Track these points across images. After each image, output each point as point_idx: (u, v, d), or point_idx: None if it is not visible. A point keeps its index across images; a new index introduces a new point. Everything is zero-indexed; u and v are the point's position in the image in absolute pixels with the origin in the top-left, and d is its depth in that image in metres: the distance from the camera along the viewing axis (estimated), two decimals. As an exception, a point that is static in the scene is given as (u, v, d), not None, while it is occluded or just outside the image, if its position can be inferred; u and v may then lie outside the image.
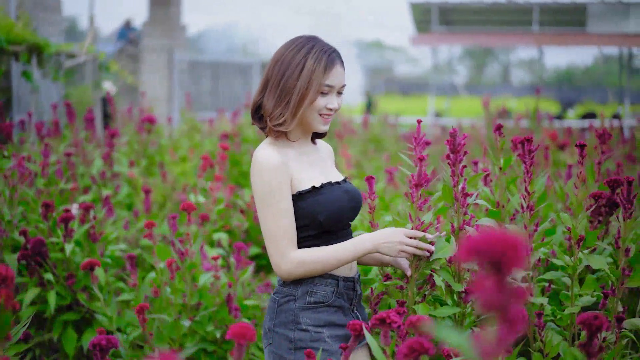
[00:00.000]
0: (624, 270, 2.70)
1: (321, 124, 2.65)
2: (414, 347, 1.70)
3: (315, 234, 2.59)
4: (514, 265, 0.88)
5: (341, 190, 2.66)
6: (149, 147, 6.22)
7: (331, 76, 2.60)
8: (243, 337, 1.86)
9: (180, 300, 3.55)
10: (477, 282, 0.89)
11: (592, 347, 1.72)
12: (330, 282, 2.59)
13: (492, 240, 0.88)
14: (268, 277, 4.51)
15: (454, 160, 2.66)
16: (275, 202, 2.52)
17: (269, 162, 2.53)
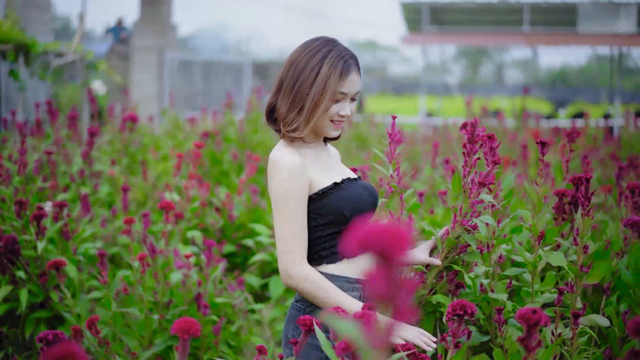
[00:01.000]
0: (582, 267, 2.71)
1: (332, 130, 2.62)
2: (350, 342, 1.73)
3: (340, 231, 2.55)
4: (398, 256, 0.90)
5: (360, 186, 2.66)
6: (130, 145, 6.22)
7: (346, 84, 2.56)
8: (186, 332, 1.88)
9: (152, 297, 3.56)
10: (367, 273, 0.91)
11: (531, 342, 1.74)
12: (357, 286, 2.56)
13: (378, 232, 0.89)
14: (242, 275, 4.52)
15: (469, 150, 2.67)
16: (291, 205, 2.49)
17: (287, 164, 2.50)
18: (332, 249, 2.55)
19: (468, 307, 2.03)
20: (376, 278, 0.90)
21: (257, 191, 5.03)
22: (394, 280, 0.91)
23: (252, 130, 6.74)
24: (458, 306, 2.03)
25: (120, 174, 5.90)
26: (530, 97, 46.20)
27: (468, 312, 2.03)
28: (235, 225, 4.83)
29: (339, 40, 2.66)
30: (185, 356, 1.93)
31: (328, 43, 2.60)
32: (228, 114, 7.15)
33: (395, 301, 0.91)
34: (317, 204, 2.54)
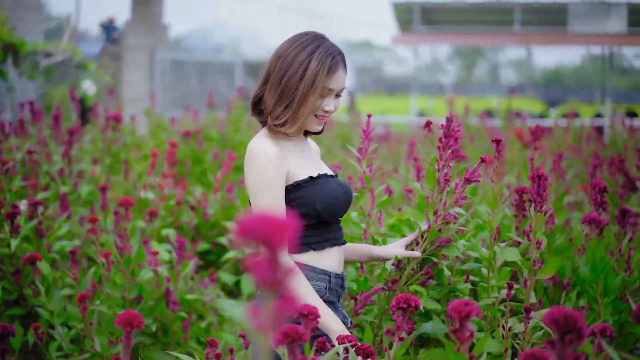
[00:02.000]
0: (535, 263, 2.76)
1: (315, 124, 2.64)
2: (289, 333, 1.77)
3: (312, 224, 2.57)
4: (280, 245, 0.94)
5: (336, 183, 2.67)
6: (113, 145, 6.26)
7: (334, 80, 2.58)
8: (129, 324, 1.93)
9: (120, 294, 3.61)
10: (251, 261, 0.96)
11: (463, 333, 1.78)
12: (323, 277, 2.58)
13: (262, 222, 0.94)
14: (217, 272, 4.57)
15: (444, 145, 2.73)
16: (268, 194, 2.50)
17: (264, 153, 2.50)
18: (300, 240, 2.57)
19: (412, 300, 2.07)
20: (260, 265, 0.95)
21: (233, 189, 5.07)
22: (278, 267, 0.95)
23: (234, 130, 6.79)
24: (402, 299, 2.07)
25: (101, 173, 5.94)
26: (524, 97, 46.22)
27: (412, 306, 2.07)
28: (210, 224, 4.88)
29: (327, 36, 2.67)
30: (129, 348, 1.98)
31: (316, 38, 2.62)
32: (210, 113, 7.20)
33: (279, 287, 0.96)
34: (290, 196, 2.55)
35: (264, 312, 0.97)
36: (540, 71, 71.38)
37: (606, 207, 3.34)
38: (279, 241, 0.94)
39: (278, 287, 0.96)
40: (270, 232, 0.94)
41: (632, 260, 3.27)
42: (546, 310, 2.79)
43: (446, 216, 2.77)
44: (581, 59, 65.65)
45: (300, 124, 2.60)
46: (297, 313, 1.98)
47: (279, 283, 0.96)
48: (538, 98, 46.54)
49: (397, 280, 2.90)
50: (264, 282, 0.95)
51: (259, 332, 0.97)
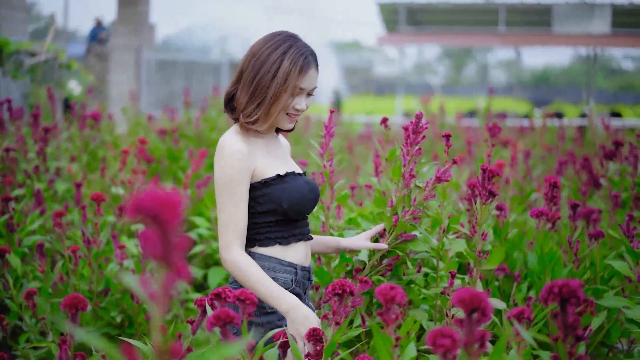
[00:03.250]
0: (480, 253, 2.86)
1: (287, 122, 2.70)
2: (220, 316, 1.87)
3: (277, 221, 2.63)
4: (172, 221, 1.04)
5: (303, 181, 2.71)
6: (91, 143, 6.33)
7: (305, 79, 2.63)
8: (74, 307, 2.02)
9: (87, 286, 3.69)
10: (143, 236, 1.05)
11: (389, 316, 1.87)
12: (289, 269, 2.64)
13: (152, 199, 1.03)
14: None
15: (412, 141, 2.82)
16: (232, 191, 2.55)
17: (233, 150, 2.56)
18: (267, 234, 2.63)
19: (347, 286, 2.16)
20: (151, 240, 1.04)
21: (203, 186, 5.16)
22: (168, 241, 1.05)
23: (209, 128, 6.88)
24: (337, 285, 2.16)
25: (78, 170, 6.00)
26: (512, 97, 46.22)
27: (347, 291, 2.17)
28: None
29: (299, 36, 2.72)
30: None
31: (289, 38, 2.66)
32: (186, 112, 7.29)
33: (170, 260, 1.05)
34: (257, 192, 2.61)
35: (155, 283, 1.06)
36: (529, 72, 71.60)
37: (557, 202, 3.44)
38: (169, 217, 1.03)
39: (168, 259, 1.05)
40: (160, 209, 1.03)
41: (579, 252, 3.37)
42: (491, 299, 2.90)
43: (414, 212, 2.87)
44: (569, 60, 65.91)
45: (272, 121, 2.66)
46: (235, 299, 2.08)
47: (168, 256, 1.05)
48: (525, 98, 46.71)
49: (360, 270, 3.00)
50: (154, 255, 1.05)
51: (152, 301, 1.06)
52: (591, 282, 3.43)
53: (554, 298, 1.61)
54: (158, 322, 1.06)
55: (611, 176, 5.18)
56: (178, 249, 1.05)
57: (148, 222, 1.04)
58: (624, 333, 3.28)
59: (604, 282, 3.42)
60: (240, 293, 2.05)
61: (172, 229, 1.05)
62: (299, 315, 2.44)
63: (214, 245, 4.42)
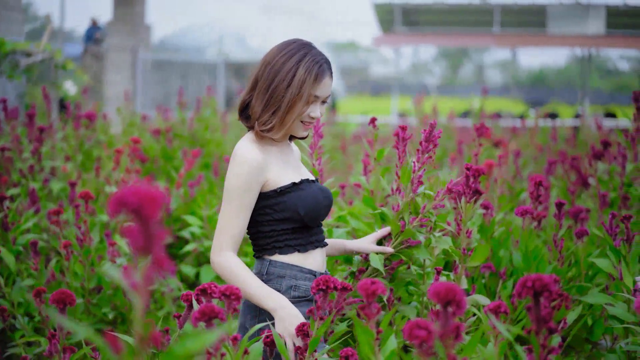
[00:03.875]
0: (465, 251, 2.91)
1: (302, 130, 2.70)
2: (205, 311, 1.93)
3: (294, 228, 2.65)
4: (152, 215, 1.09)
5: (317, 188, 2.72)
6: (85, 142, 6.38)
7: (320, 87, 2.63)
8: (62, 302, 2.08)
9: (79, 284, 3.74)
10: (126, 229, 1.11)
11: (370, 310, 1.93)
12: (309, 277, 2.66)
13: (133, 193, 1.09)
14: (179, 264, 4.70)
15: (424, 149, 2.86)
16: (236, 199, 2.57)
17: (247, 159, 2.57)
18: (286, 242, 2.65)
19: (331, 282, 2.22)
20: (133, 233, 1.10)
21: (195, 185, 5.22)
22: (149, 234, 1.10)
23: (203, 128, 6.94)
24: (322, 281, 2.22)
25: (73, 169, 6.05)
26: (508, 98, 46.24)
27: (331, 287, 2.23)
28: (173, 218, 5.03)
29: (313, 43, 2.73)
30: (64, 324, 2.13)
31: (304, 47, 2.67)
32: (180, 112, 7.36)
33: (151, 252, 1.11)
34: (273, 201, 2.62)
35: (137, 273, 1.12)
36: (525, 72, 71.67)
37: (542, 201, 3.50)
38: (149, 211, 1.09)
39: (149, 251, 1.11)
40: (141, 203, 1.09)
41: (564, 250, 3.43)
42: (475, 296, 2.96)
43: (422, 219, 2.92)
44: (565, 60, 65.98)
45: (287, 129, 2.66)
46: (220, 294, 2.14)
47: (149, 248, 1.10)
48: (521, 99, 46.82)
49: (363, 271, 3.05)
50: (135, 247, 1.10)
51: (134, 291, 1.12)
52: (576, 279, 3.49)
53: (528, 292, 1.66)
54: (140, 311, 1.12)
55: (600, 176, 5.24)
56: (158, 241, 1.11)
57: (130, 215, 1.10)
58: (607, 330, 3.34)
59: (588, 280, 3.48)
60: (225, 289, 2.11)
61: (153, 222, 1.10)
62: (287, 314, 2.46)
63: (206, 244, 4.48)
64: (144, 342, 1.12)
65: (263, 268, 2.67)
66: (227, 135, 7.99)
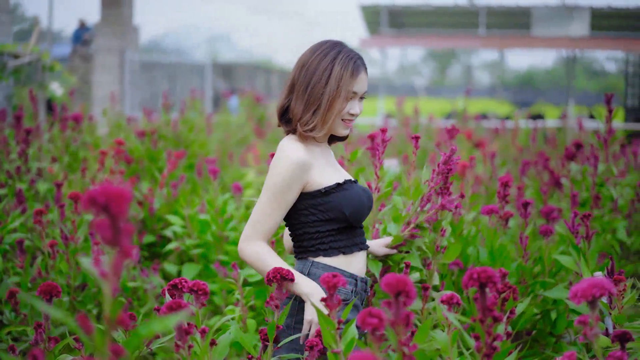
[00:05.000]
0: (438, 248, 3.05)
1: (343, 128, 2.75)
2: (172, 305, 2.07)
3: (339, 229, 2.68)
4: (120, 211, 1.23)
5: (360, 188, 2.77)
6: (72, 144, 6.48)
7: (357, 83, 2.69)
8: (48, 294, 2.21)
9: (65, 281, 3.87)
10: (96, 224, 1.24)
11: (332, 301, 2.07)
12: (351, 281, 2.68)
13: (102, 192, 1.23)
14: (162, 263, 4.83)
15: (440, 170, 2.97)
16: (276, 195, 2.61)
17: (293, 156, 2.61)
18: (331, 244, 2.68)
19: (284, 272, 2.36)
20: (102, 227, 1.24)
21: (177, 185, 5.35)
22: (117, 228, 1.24)
23: (187, 130, 7.08)
24: (272, 272, 2.36)
25: (59, 171, 6.17)
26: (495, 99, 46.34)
27: (287, 278, 2.37)
28: (156, 217, 5.16)
29: (345, 42, 2.79)
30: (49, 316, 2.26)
31: (336, 45, 2.73)
32: (164, 114, 7.49)
33: (118, 244, 1.25)
34: (318, 200, 2.66)
35: (105, 264, 1.26)
36: (513, 73, 72.01)
37: (508, 200, 3.65)
38: (117, 208, 1.23)
39: (116, 243, 1.24)
40: (109, 201, 1.23)
41: (528, 247, 3.58)
42: (444, 291, 3.10)
43: (413, 230, 3.05)
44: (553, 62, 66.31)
45: (328, 127, 2.71)
46: (188, 289, 2.28)
47: (117, 241, 1.24)
48: (509, 100, 47.09)
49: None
50: (105, 239, 1.24)
51: (103, 278, 1.25)
52: (540, 275, 3.64)
53: (474, 283, 1.80)
54: (108, 297, 1.25)
55: (573, 176, 5.39)
56: (125, 235, 1.24)
57: (100, 211, 1.24)
58: (570, 323, 3.49)
59: (552, 276, 3.63)
60: (193, 284, 2.25)
61: (120, 217, 1.24)
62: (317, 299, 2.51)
63: (187, 242, 4.60)
64: (111, 324, 1.26)
65: (305, 269, 2.69)
66: (211, 136, 8.12)
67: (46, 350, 2.37)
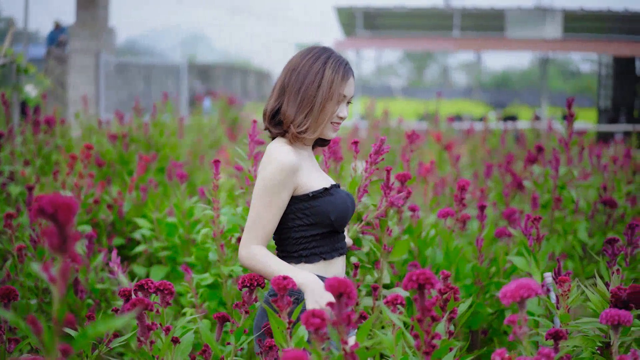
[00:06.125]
0: (386, 247, 3.16)
1: (331, 131, 2.79)
2: (135, 303, 2.17)
3: (322, 234, 2.72)
4: (67, 219, 1.33)
5: (344, 193, 2.82)
6: (44, 147, 6.54)
7: (347, 86, 2.74)
8: (6, 297, 2.30)
9: (33, 283, 3.94)
10: (44, 231, 1.34)
11: (282, 302, 2.17)
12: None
13: (50, 202, 1.32)
14: (131, 265, 4.91)
15: (373, 161, 3.07)
16: (269, 198, 2.63)
17: (283, 160, 2.63)
18: (313, 250, 2.72)
19: (254, 279, 2.46)
20: (50, 234, 1.33)
21: (146, 189, 5.42)
22: (64, 235, 1.33)
23: (159, 133, 7.16)
24: (247, 279, 2.46)
25: (32, 174, 6.22)
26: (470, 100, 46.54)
27: (255, 284, 2.46)
28: (125, 220, 5.24)
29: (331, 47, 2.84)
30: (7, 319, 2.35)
31: (326, 50, 2.78)
32: (136, 117, 7.56)
33: (65, 250, 1.34)
34: (305, 205, 2.70)
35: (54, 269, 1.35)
36: (489, 74, 72.39)
37: (465, 203, 3.76)
38: (64, 216, 1.32)
39: (64, 250, 1.34)
40: (55, 210, 1.32)
41: (484, 249, 3.70)
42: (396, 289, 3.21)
43: (364, 227, 3.15)
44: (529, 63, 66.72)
45: (320, 130, 2.75)
46: (155, 289, 2.37)
47: (64, 247, 1.34)
48: (485, 101, 47.38)
49: None
50: (52, 246, 1.34)
51: (51, 283, 1.35)
52: (495, 276, 3.76)
53: (413, 284, 1.90)
54: (58, 299, 1.35)
55: (535, 179, 5.52)
56: (72, 242, 1.34)
57: (48, 220, 1.33)
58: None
59: (507, 276, 3.75)
60: (159, 284, 2.35)
61: (67, 225, 1.34)
62: (317, 287, 2.54)
63: (155, 245, 4.68)
64: (60, 324, 1.35)
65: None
66: (183, 139, 8.19)
67: (7, 352, 2.46)
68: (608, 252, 3.02)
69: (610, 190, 5.97)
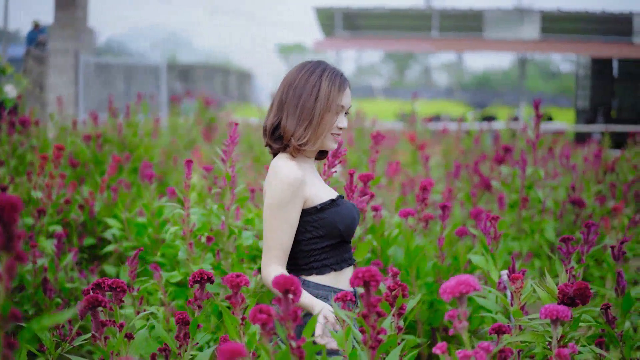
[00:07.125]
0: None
1: (332, 142, 2.82)
2: (90, 300, 2.23)
3: (333, 244, 2.76)
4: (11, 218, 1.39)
5: (350, 204, 2.86)
6: (19, 147, 6.56)
7: (343, 97, 2.77)
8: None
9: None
10: (-9, 230, 1.40)
11: (236, 300, 2.23)
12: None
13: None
14: (102, 265, 4.97)
15: (330, 163, 3.15)
16: (281, 215, 2.66)
17: (290, 176, 2.67)
18: (324, 262, 2.75)
19: (204, 274, 2.52)
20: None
21: (116, 189, 5.48)
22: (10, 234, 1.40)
23: (132, 133, 7.20)
24: (197, 274, 2.52)
25: (5, 174, 6.24)
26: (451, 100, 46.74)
27: (204, 279, 2.53)
28: (96, 220, 5.29)
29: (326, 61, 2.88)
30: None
31: (320, 63, 2.83)
32: (110, 118, 7.60)
33: (11, 248, 1.40)
34: (313, 217, 2.74)
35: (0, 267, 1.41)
36: (470, 74, 72.67)
37: (427, 203, 3.84)
38: (9, 215, 1.38)
39: (9, 248, 1.40)
40: (1, 209, 1.38)
41: (444, 248, 3.78)
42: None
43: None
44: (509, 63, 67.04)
45: (321, 142, 2.79)
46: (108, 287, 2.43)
47: (10, 245, 1.40)
48: (465, 101, 47.58)
49: None
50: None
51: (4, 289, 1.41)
52: (456, 274, 3.84)
53: (359, 282, 1.97)
54: (2, 295, 1.41)
55: (503, 179, 5.60)
56: (18, 240, 1.40)
57: (-6, 221, 1.39)
58: (482, 320, 3.69)
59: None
60: (112, 282, 2.42)
61: (12, 224, 1.40)
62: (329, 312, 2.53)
63: (125, 245, 4.74)
64: (4, 320, 1.41)
65: None
66: (158, 139, 8.24)
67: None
68: (563, 250, 3.10)
69: (579, 190, 6.07)
